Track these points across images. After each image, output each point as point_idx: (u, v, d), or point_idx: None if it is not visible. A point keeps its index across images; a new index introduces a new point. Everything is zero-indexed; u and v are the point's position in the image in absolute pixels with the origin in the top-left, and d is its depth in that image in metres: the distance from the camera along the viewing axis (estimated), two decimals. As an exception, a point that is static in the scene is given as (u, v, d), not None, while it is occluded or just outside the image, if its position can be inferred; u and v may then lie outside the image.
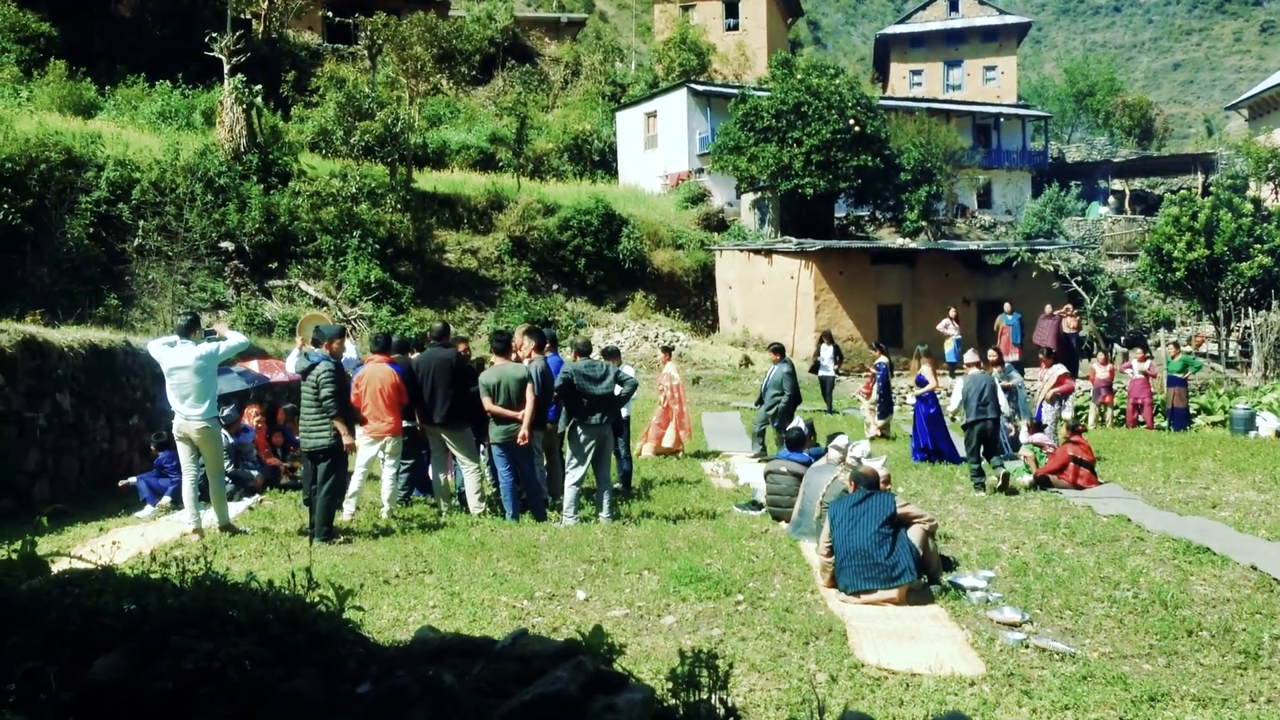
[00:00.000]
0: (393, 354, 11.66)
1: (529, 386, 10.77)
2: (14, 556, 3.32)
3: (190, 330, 10.18)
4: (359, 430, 10.92)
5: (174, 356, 9.99)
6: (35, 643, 2.66)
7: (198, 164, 29.51)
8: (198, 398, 9.94)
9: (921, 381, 16.20)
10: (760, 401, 16.42)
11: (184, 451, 10.16)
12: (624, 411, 13.02)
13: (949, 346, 26.45)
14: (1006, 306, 26.93)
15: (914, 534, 8.11)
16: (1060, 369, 17.01)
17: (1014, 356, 25.75)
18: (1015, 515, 11.29)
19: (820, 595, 7.96)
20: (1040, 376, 17.54)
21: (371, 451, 11.13)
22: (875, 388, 18.73)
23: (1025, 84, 75.15)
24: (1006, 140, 52.26)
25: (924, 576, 8.13)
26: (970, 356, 14.97)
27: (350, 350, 13.09)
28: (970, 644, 6.87)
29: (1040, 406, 16.73)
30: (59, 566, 3.48)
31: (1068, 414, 16.17)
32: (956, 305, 29.20)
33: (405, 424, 11.51)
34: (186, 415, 9.96)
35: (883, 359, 18.83)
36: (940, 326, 26.87)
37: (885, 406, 18.57)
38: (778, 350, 16.67)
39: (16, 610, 2.76)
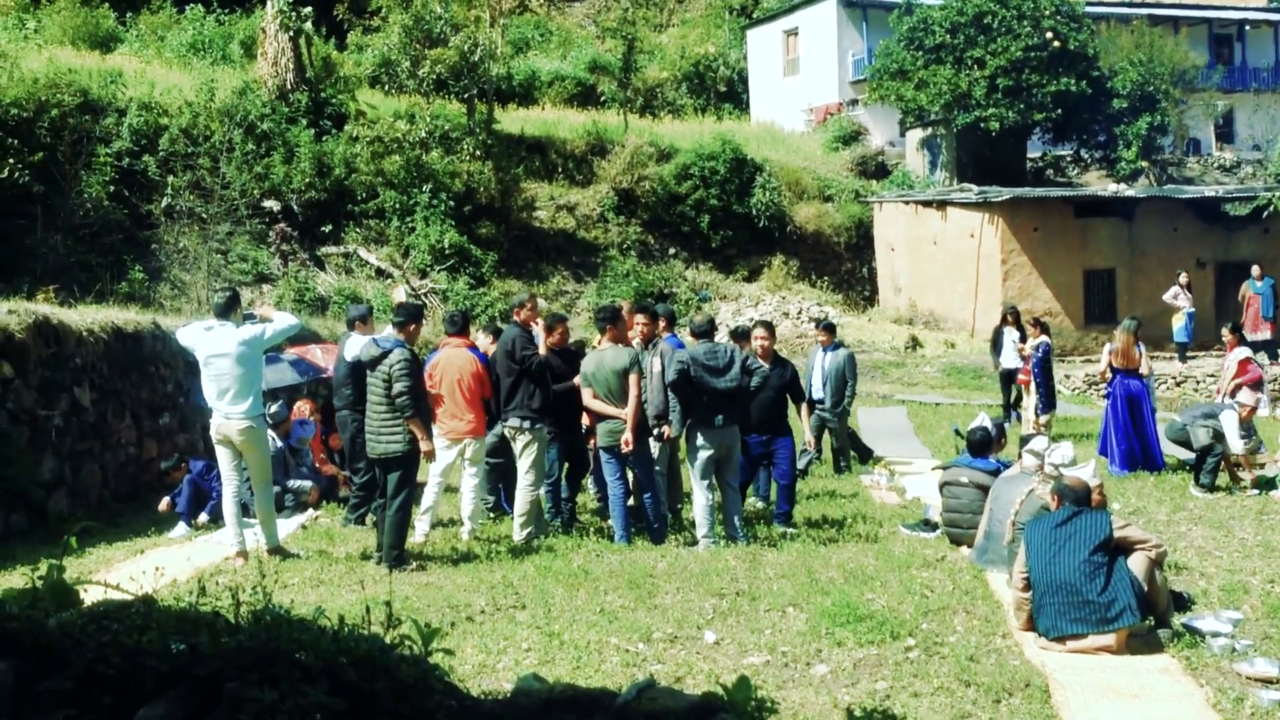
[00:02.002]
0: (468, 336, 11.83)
1: (633, 377, 10.75)
2: (38, 585, 3.48)
3: (230, 309, 10.41)
4: (435, 431, 11.08)
5: (211, 342, 10.22)
6: (67, 688, 2.78)
7: (236, 106, 30.28)
8: (240, 392, 10.17)
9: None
10: (817, 402, 15.56)
11: (224, 457, 10.42)
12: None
13: (1179, 322, 25.80)
14: (1255, 270, 26.18)
15: (1135, 563, 7.96)
16: (1243, 352, 16.21)
17: (1264, 334, 25.04)
18: (1269, 539, 10.99)
19: (1014, 640, 7.87)
20: (1223, 364, 16.86)
21: (449, 457, 11.24)
22: (1033, 375, 18.32)
23: (1278, -19, 72.56)
24: (1254, 54, 50.56)
25: (1149, 618, 7.98)
26: None
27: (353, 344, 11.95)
28: (1211, 704, 6.74)
29: (1222, 400, 16.19)
30: (90, 596, 3.63)
31: (1265, 410, 15.29)
32: (1188, 269, 28.42)
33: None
34: (226, 414, 10.19)
35: (1044, 338, 18.40)
36: (1168, 297, 26.21)
37: (1048, 399, 18.15)
38: (829, 329, 16.22)
39: (45, 649, 2.89)
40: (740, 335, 12.84)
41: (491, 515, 12.34)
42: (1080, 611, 7.71)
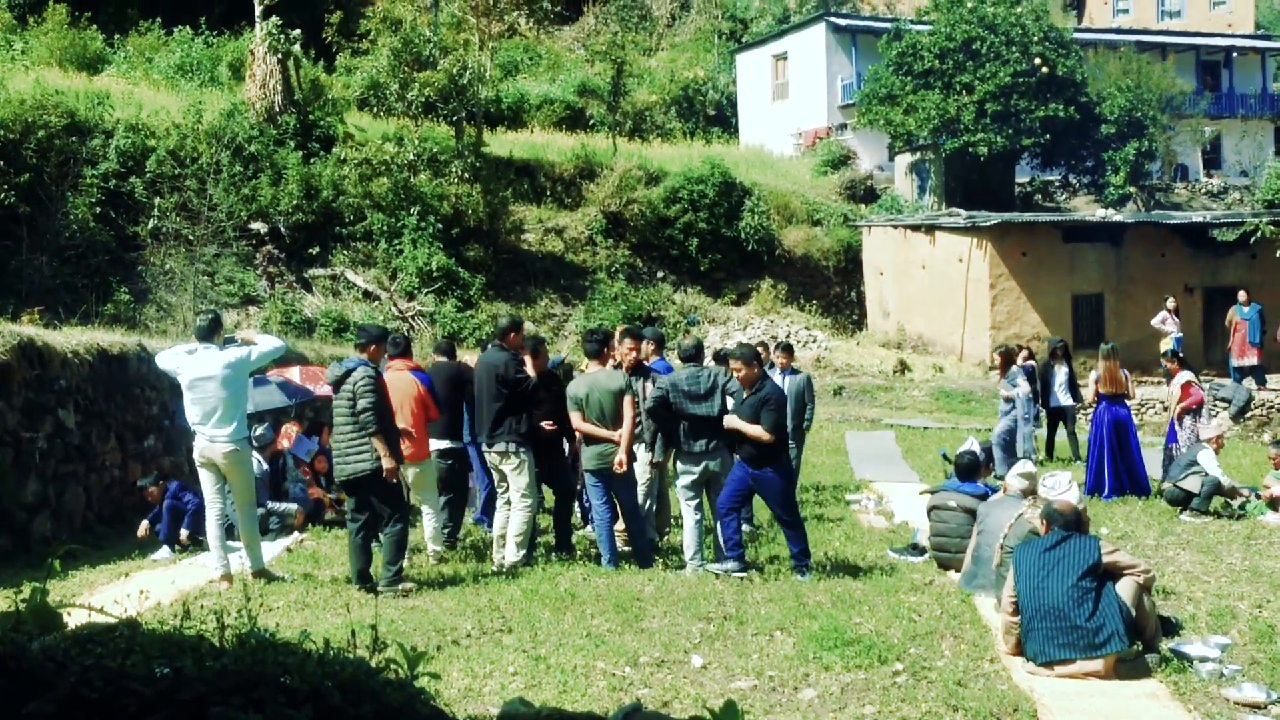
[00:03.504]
0: (439, 357, 11.85)
1: (627, 399, 10.77)
2: (21, 608, 3.47)
3: (212, 332, 10.41)
4: None
5: (195, 365, 10.23)
6: (51, 712, 2.78)
7: (224, 128, 30.33)
8: (225, 415, 10.16)
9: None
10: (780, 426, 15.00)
11: (208, 480, 10.40)
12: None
13: (1166, 346, 25.84)
14: (1242, 296, 26.21)
15: (1124, 588, 7.96)
16: (1186, 376, 16.33)
17: (1251, 359, 25.09)
18: (1256, 565, 11.01)
19: (1002, 665, 7.87)
20: (1168, 390, 16.91)
21: None
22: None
23: (1266, 8, 73.08)
24: (1241, 81, 50.88)
25: (1137, 643, 7.97)
26: None
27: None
28: (1199, 731, 6.73)
29: (1171, 426, 16.25)
30: (73, 620, 3.62)
31: (1207, 433, 15.23)
32: (1176, 294, 28.54)
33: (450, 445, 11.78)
34: (211, 437, 10.19)
35: (1030, 363, 18.48)
36: (1156, 321, 26.27)
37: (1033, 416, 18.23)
38: (787, 350, 15.32)
39: (28, 673, 2.88)
40: (724, 359, 12.79)
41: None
42: (1068, 637, 7.70)
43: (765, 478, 10.50)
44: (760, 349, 15.34)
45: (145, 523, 12.72)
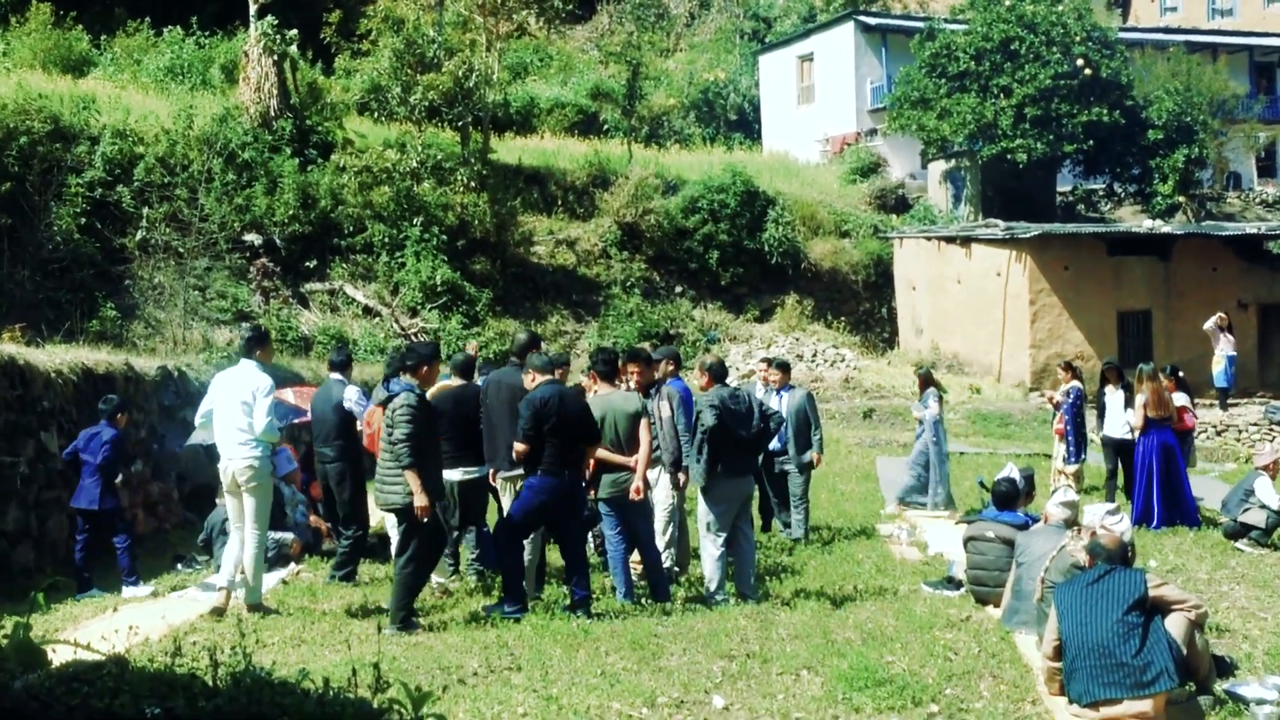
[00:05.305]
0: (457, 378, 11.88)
1: (643, 423, 10.76)
2: (3, 643, 3.48)
3: (252, 349, 10.75)
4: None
5: (227, 380, 10.61)
6: (34, 754, 2.79)
7: (216, 133, 30.39)
8: (245, 431, 10.42)
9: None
10: (776, 453, 14.84)
11: (234, 509, 10.65)
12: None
13: (1218, 366, 25.69)
14: (1299, 312, 26.18)
15: (1174, 625, 7.93)
16: (1182, 400, 16.39)
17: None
18: (1316, 601, 10.96)
19: (1044, 707, 7.85)
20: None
21: None
22: (1065, 421, 18.25)
23: (1323, 5, 72.99)
24: (1297, 84, 50.79)
25: (1189, 683, 7.94)
26: None
27: (351, 395, 12.63)
28: (1255, 778, 6.69)
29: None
30: (59, 657, 3.64)
31: (1263, 459, 15.08)
32: (1229, 311, 28.44)
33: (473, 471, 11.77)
34: (230, 455, 10.46)
35: (1075, 384, 18.30)
36: (1208, 325, 25.97)
37: (1078, 446, 18.10)
38: (783, 368, 15.49)
39: (11, 712, 2.90)
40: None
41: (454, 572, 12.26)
42: (1114, 675, 7.66)
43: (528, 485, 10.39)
44: (781, 368, 15.53)
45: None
